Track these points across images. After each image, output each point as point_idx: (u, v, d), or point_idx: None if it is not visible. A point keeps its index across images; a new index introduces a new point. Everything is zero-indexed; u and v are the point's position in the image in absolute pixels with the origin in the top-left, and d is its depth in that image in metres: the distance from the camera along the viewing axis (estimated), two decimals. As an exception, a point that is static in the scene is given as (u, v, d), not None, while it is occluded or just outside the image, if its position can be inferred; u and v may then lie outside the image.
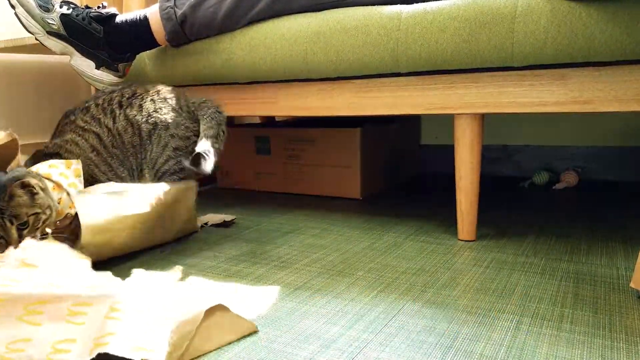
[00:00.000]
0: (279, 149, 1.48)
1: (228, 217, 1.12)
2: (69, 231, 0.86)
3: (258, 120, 1.93)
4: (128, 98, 1.04)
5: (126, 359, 0.52)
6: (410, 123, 1.67)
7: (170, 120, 1.04)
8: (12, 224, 0.77)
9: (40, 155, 0.97)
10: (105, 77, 1.13)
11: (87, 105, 1.03)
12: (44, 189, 0.82)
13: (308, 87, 1.07)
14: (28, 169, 0.86)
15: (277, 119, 1.92)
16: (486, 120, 1.67)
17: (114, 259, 0.89)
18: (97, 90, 1.29)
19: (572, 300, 0.68)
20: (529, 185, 1.49)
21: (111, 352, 0.51)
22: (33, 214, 0.79)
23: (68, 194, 0.86)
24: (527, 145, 1.61)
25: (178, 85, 1.24)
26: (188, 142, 1.05)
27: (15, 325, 0.53)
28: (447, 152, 1.73)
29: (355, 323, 0.63)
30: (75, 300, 0.56)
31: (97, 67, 1.12)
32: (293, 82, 1.09)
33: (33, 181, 0.80)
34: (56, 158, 0.93)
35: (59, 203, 0.85)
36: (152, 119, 1.03)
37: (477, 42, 0.85)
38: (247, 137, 1.53)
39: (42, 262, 0.63)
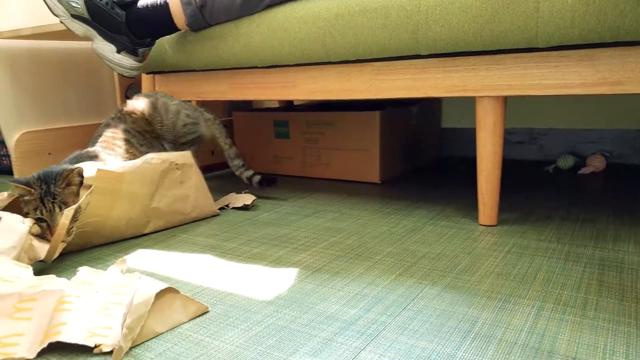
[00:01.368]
0: (297, 133, 1.48)
1: (248, 200, 1.13)
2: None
3: (277, 105, 1.93)
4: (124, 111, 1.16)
5: (80, 346, 0.52)
6: (431, 106, 1.65)
7: (177, 102, 1.18)
8: (60, 209, 0.81)
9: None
10: (125, 61, 1.14)
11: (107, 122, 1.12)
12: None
13: (327, 70, 1.07)
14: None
15: (295, 103, 1.92)
16: (510, 103, 1.64)
17: (127, 239, 0.91)
18: (118, 74, 1.31)
19: (596, 287, 0.67)
20: (553, 170, 1.46)
21: (64, 341, 0.51)
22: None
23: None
24: (552, 129, 1.58)
25: (197, 70, 1.24)
26: (195, 128, 1.18)
27: None
28: (469, 135, 1.71)
29: (374, 306, 0.63)
30: (20, 298, 0.56)
31: (118, 52, 1.13)
32: (312, 66, 1.08)
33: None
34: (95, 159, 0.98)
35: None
36: (160, 102, 1.17)
37: (500, 22, 0.83)
38: (266, 121, 1.53)
39: None
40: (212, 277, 0.75)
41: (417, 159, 1.56)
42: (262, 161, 1.57)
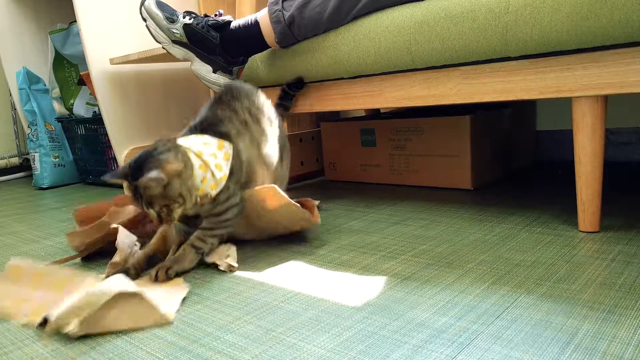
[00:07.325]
0: (384, 140, 1.48)
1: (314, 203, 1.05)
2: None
3: (363, 113, 1.95)
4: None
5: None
6: (525, 108, 1.58)
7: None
8: (151, 208, 0.81)
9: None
10: (221, 80, 1.21)
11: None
12: (179, 175, 0.80)
13: (413, 76, 1.07)
14: (180, 147, 0.84)
15: (382, 111, 1.92)
16: (615, 101, 1.53)
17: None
18: (214, 92, 1.40)
19: None
20: (665, 172, 1.34)
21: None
22: (165, 205, 0.80)
23: (213, 175, 0.85)
24: (662, 127, 1.45)
25: (287, 84, 1.29)
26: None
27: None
28: (567, 138, 1.61)
29: (466, 314, 0.63)
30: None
31: (214, 71, 1.21)
32: (397, 73, 1.09)
33: (166, 169, 0.79)
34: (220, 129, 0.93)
35: (202, 182, 0.84)
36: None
37: (598, 18, 0.79)
38: (353, 130, 1.55)
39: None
40: (303, 283, 0.77)
41: (511, 163, 1.50)
42: (349, 169, 1.59)
